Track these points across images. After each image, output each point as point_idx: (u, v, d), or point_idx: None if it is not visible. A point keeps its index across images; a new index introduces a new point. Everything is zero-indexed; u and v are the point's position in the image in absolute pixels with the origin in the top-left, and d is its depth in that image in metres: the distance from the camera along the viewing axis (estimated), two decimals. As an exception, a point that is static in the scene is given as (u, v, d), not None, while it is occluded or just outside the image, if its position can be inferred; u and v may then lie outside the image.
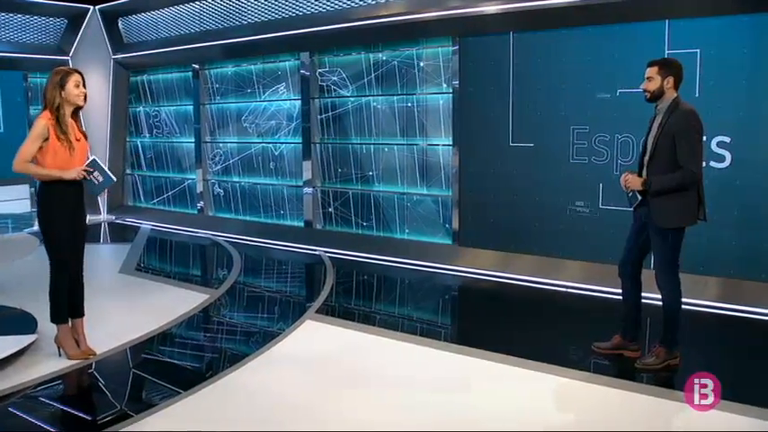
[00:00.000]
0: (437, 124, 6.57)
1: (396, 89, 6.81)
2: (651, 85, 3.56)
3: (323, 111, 7.47)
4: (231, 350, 4.30)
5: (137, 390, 3.71)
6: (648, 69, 3.59)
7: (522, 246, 5.99)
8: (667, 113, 3.53)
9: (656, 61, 3.60)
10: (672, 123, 3.48)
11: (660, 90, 3.55)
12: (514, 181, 5.98)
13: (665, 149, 3.49)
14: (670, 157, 3.48)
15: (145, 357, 4.17)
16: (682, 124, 3.46)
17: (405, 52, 6.71)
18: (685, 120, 3.47)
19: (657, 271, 3.61)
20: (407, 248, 6.67)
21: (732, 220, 4.86)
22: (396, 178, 6.94)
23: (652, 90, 3.56)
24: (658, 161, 3.53)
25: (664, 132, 3.50)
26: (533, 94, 5.81)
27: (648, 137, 3.65)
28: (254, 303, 5.44)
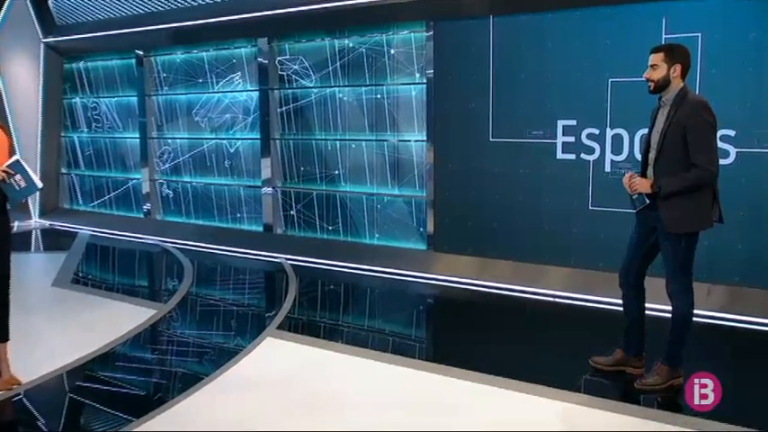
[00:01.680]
0: (409, 118, 6.52)
1: (364, 79, 6.74)
2: (656, 74, 3.48)
3: (283, 103, 7.38)
4: (183, 372, 4.16)
5: (73, 420, 3.54)
6: (652, 56, 3.50)
7: (503, 251, 5.94)
8: (674, 105, 3.45)
9: (661, 47, 3.52)
10: (681, 117, 3.40)
11: (666, 79, 3.47)
12: (495, 180, 5.93)
13: (673, 146, 3.41)
14: (680, 154, 3.40)
15: (83, 383, 3.99)
16: (693, 117, 3.37)
17: (373, 38, 6.64)
18: (697, 112, 3.38)
19: (669, 279, 3.54)
20: (378, 255, 6.62)
21: (737, 222, 4.81)
22: (364, 177, 6.88)
23: (657, 79, 3.48)
24: (667, 159, 3.45)
25: (672, 127, 3.41)
26: (516, 84, 5.76)
27: (652, 132, 3.57)
28: (208, 318, 5.31)
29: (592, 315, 5.07)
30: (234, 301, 5.85)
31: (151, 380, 4.08)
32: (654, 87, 3.51)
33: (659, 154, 3.48)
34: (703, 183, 3.39)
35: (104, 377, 4.06)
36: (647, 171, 3.59)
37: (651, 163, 3.54)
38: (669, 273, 3.55)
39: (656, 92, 3.52)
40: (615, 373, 3.80)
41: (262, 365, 4.12)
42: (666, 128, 3.44)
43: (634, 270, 3.72)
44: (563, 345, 4.49)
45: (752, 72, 4.74)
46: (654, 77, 3.49)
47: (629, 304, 3.77)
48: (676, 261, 3.50)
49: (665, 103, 3.52)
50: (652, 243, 3.64)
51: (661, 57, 3.47)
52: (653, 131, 3.57)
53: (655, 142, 3.52)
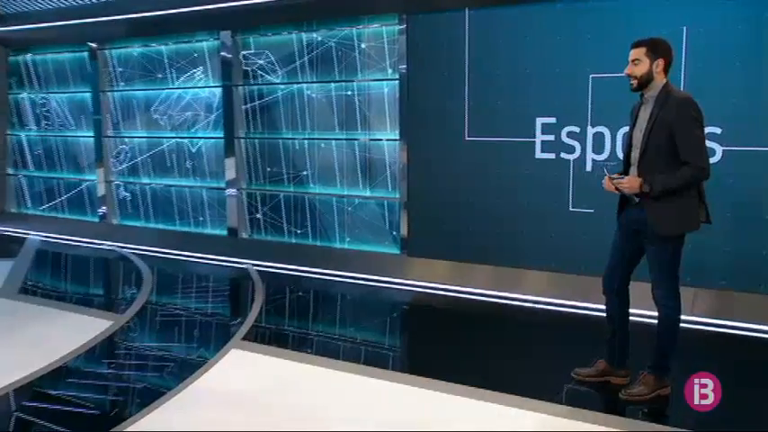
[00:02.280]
0: (381, 116, 6.49)
1: (333, 75, 6.71)
2: (638, 70, 3.47)
3: (248, 100, 7.31)
4: (142, 388, 4.07)
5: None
6: (634, 51, 3.49)
7: (480, 255, 5.94)
8: (658, 103, 3.45)
9: (642, 41, 3.51)
10: (666, 114, 3.40)
11: (649, 75, 3.46)
12: (471, 181, 5.93)
13: (658, 144, 3.41)
14: (665, 153, 3.40)
15: (32, 401, 3.88)
16: (679, 114, 3.37)
17: (343, 32, 6.61)
18: (682, 109, 3.38)
19: (655, 284, 3.55)
20: (349, 260, 6.59)
21: (724, 223, 4.83)
22: (334, 179, 6.84)
23: (639, 75, 3.47)
24: (651, 158, 3.45)
25: (657, 125, 3.41)
26: (493, 80, 5.76)
27: (634, 130, 3.57)
28: (168, 329, 5.23)
29: (573, 322, 5.08)
30: (197, 310, 5.77)
31: (107, 397, 3.98)
32: (636, 84, 3.49)
33: (643, 153, 3.47)
34: (696, 180, 3.40)
35: (56, 395, 3.95)
36: (629, 171, 3.58)
37: (634, 162, 3.53)
38: (655, 277, 3.54)
39: (639, 89, 3.51)
40: (599, 384, 3.79)
41: (226, 379, 4.05)
42: (650, 126, 3.43)
43: (618, 276, 3.71)
44: (544, 353, 4.48)
45: (739, 67, 4.77)
46: (636, 73, 3.47)
47: (614, 311, 3.76)
48: (663, 265, 3.50)
49: (647, 100, 3.52)
50: (636, 246, 3.63)
51: (643, 51, 3.46)
52: (635, 130, 3.57)
53: (637, 141, 3.52)
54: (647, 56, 3.45)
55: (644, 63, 3.46)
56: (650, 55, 3.45)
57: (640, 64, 3.46)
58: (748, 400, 3.67)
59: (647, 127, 3.45)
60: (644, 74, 3.46)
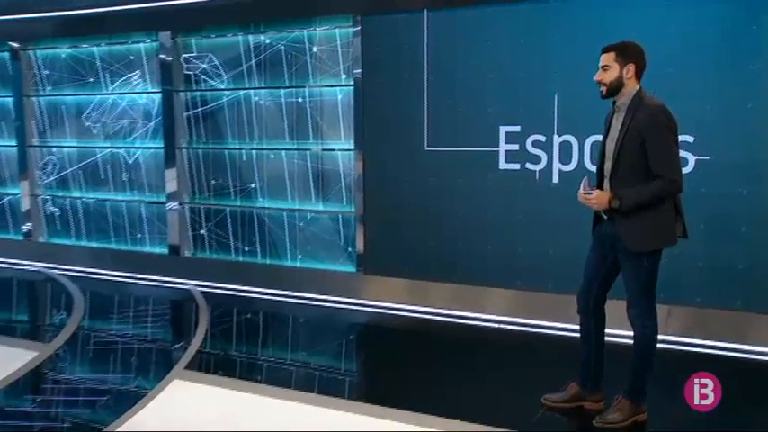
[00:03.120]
0: (335, 124, 6.47)
1: (282, 80, 6.67)
2: (608, 76, 3.49)
3: (190, 107, 7.22)
4: (72, 424, 3.96)
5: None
6: (603, 57, 3.52)
7: (442, 272, 5.94)
8: (630, 111, 3.47)
9: (612, 46, 3.53)
10: (638, 123, 3.42)
11: (619, 81, 3.48)
12: (431, 193, 5.93)
13: (630, 155, 3.43)
14: (638, 165, 3.42)
15: None
16: (651, 123, 3.39)
17: (293, 34, 6.56)
18: (655, 117, 3.40)
19: (630, 302, 3.55)
20: (301, 279, 6.56)
21: (698, 237, 4.82)
22: (284, 191, 6.79)
23: (609, 82, 3.49)
24: (623, 170, 3.46)
25: (629, 134, 3.43)
26: (454, 86, 5.77)
27: (607, 140, 3.60)
28: (103, 359, 5.11)
29: (542, 343, 5.11)
30: (134, 336, 5.66)
31: (32, 437, 3.86)
32: (606, 91, 3.52)
33: (615, 164, 3.48)
34: (668, 195, 3.42)
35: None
36: (602, 183, 3.60)
37: (607, 174, 3.55)
38: (630, 295, 3.55)
39: (609, 96, 3.53)
40: (572, 410, 3.78)
41: (168, 413, 3.98)
42: (623, 136, 3.45)
43: (594, 294, 3.72)
44: (512, 378, 4.48)
45: (712, 71, 4.86)
46: (605, 80, 3.50)
47: (588, 332, 3.76)
48: (638, 282, 3.51)
49: (619, 107, 3.54)
50: (611, 263, 3.64)
51: (612, 57, 3.48)
52: (607, 139, 3.59)
53: (610, 152, 3.54)
54: (616, 61, 3.47)
55: (613, 69, 3.48)
56: (620, 60, 3.47)
57: (610, 70, 3.48)
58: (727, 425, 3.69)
59: (619, 137, 3.47)
60: (613, 80, 3.48)
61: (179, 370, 4.61)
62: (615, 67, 3.47)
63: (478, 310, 5.61)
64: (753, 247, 4.84)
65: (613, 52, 3.49)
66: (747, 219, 4.85)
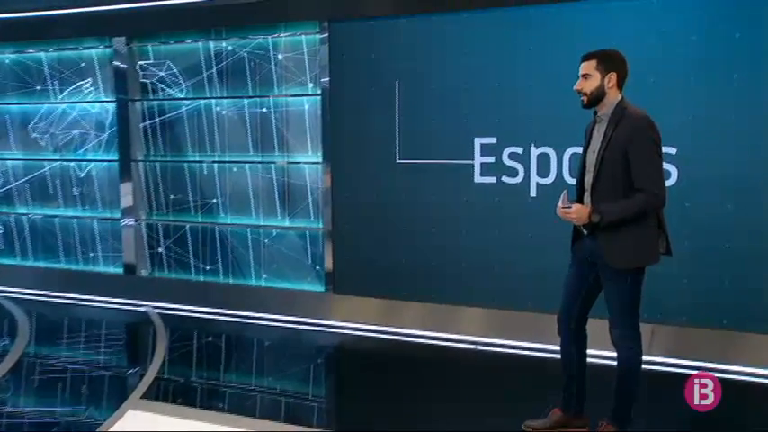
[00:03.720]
0: (302, 136, 6.45)
1: (246, 89, 6.64)
2: (588, 85, 3.50)
3: (147, 117, 7.15)
4: None
5: None
6: (584, 65, 3.52)
7: (415, 291, 5.94)
8: (613, 121, 3.47)
9: (593, 54, 3.54)
10: (621, 134, 3.42)
11: (600, 91, 3.49)
12: (404, 208, 5.93)
13: (613, 168, 3.43)
14: (620, 178, 3.43)
15: None
16: (635, 135, 3.40)
17: (256, 40, 6.55)
18: (639, 129, 3.41)
19: (613, 323, 3.55)
20: (266, 299, 6.52)
21: (682, 253, 4.85)
22: (248, 207, 6.74)
23: (590, 91, 3.50)
24: (605, 183, 3.46)
25: (611, 146, 3.43)
26: (427, 96, 5.79)
27: (588, 152, 3.60)
28: (50, 388, 4.98)
29: (521, 365, 5.11)
30: (85, 363, 5.56)
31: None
32: (587, 101, 3.52)
33: (596, 177, 3.48)
34: (650, 209, 3.42)
35: None
36: (583, 197, 3.60)
37: (588, 188, 3.55)
38: (613, 315, 3.54)
39: (590, 106, 3.54)
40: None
41: (123, 448, 3.91)
42: (604, 147, 3.46)
43: (575, 315, 3.70)
44: (491, 402, 4.46)
45: (693, 81, 4.91)
46: (586, 89, 3.50)
47: (570, 355, 3.74)
48: (622, 301, 3.51)
49: (601, 118, 3.55)
50: (592, 281, 3.64)
51: (593, 65, 3.49)
52: (588, 151, 3.60)
53: (591, 164, 3.54)
54: (597, 69, 3.48)
55: (595, 77, 3.48)
56: (601, 68, 3.48)
57: (591, 78, 3.49)
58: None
59: (601, 148, 3.47)
60: (594, 89, 3.49)
61: (134, 399, 4.55)
62: (596, 75, 3.48)
63: (454, 330, 5.60)
64: (739, 264, 4.87)
65: (594, 60, 3.50)
66: (733, 234, 4.88)
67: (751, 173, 4.81)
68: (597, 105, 3.53)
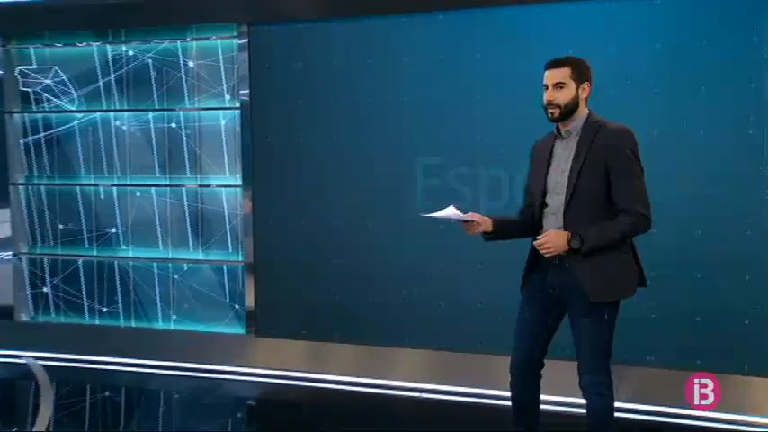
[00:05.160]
0: (217, 155, 6.35)
1: (151, 101, 6.48)
2: (563, 96, 3.47)
3: (29, 132, 6.90)
4: None
5: None
6: (555, 72, 3.50)
7: (350, 332, 5.89)
8: (587, 136, 3.48)
9: (567, 61, 3.52)
10: (601, 149, 3.42)
11: (575, 102, 3.49)
12: (336, 237, 5.88)
13: (591, 188, 3.43)
14: (598, 198, 3.45)
15: None
16: (619, 150, 3.43)
17: (163, 45, 6.41)
18: (623, 143, 3.45)
19: (585, 367, 3.52)
20: (175, 345, 6.40)
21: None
22: (154, 237, 6.59)
23: (564, 103, 3.48)
24: (582, 205, 3.45)
25: (589, 164, 3.42)
26: (363, 110, 5.76)
27: (550, 170, 3.59)
28: None
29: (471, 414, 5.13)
30: None
31: None
32: (560, 114, 3.50)
33: (571, 199, 3.47)
34: (636, 233, 3.46)
35: None
36: (542, 223, 3.59)
37: (556, 212, 3.54)
38: (585, 358, 3.51)
39: (562, 119, 3.52)
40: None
41: None
42: (580, 166, 3.45)
43: (536, 358, 3.69)
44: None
45: (660, 93, 5.00)
46: (560, 101, 3.48)
47: (526, 408, 3.74)
48: (598, 341, 3.48)
49: (570, 132, 3.55)
50: (554, 321, 3.65)
51: (568, 73, 3.48)
52: (550, 171, 3.58)
53: (559, 185, 3.52)
54: (572, 78, 3.48)
55: (570, 87, 3.48)
56: (575, 77, 3.49)
57: (566, 88, 3.48)
58: None
59: (576, 167, 3.46)
60: (570, 101, 3.48)
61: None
62: (572, 85, 3.48)
63: (393, 375, 5.62)
64: (710, 297, 4.94)
65: (569, 68, 3.49)
66: (703, 263, 4.95)
67: (720, 193, 4.88)
68: (568, 119, 3.52)
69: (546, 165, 3.59)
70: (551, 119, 3.53)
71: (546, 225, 3.56)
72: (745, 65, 4.79)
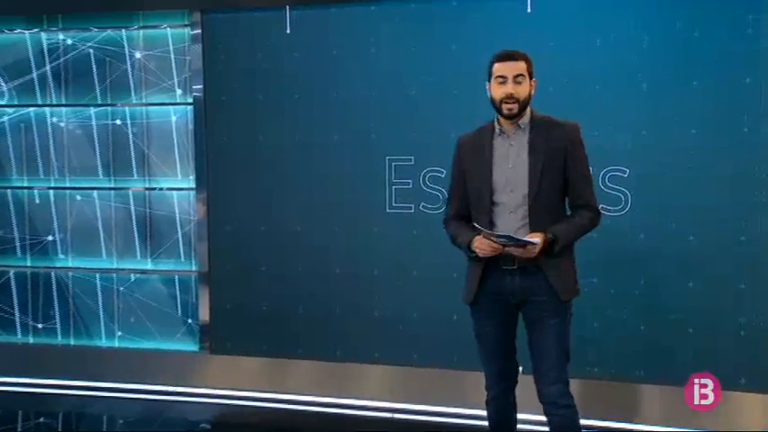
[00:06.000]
0: (168, 155, 6.26)
1: (93, 95, 6.36)
2: (523, 91, 3.59)
3: None
4: None
5: None
6: (515, 65, 3.60)
7: (315, 347, 5.86)
8: (538, 132, 3.63)
9: (523, 55, 3.64)
10: (558, 143, 3.59)
11: (529, 99, 3.63)
12: (299, 244, 5.84)
13: (552, 184, 3.59)
14: (557, 194, 3.63)
15: None
16: (575, 145, 3.62)
17: (105, 33, 6.29)
18: (579, 138, 3.64)
19: (552, 376, 3.59)
20: (121, 364, 6.32)
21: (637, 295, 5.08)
22: (97, 246, 6.48)
23: (523, 98, 3.60)
24: (545, 203, 3.60)
25: (549, 159, 3.58)
26: (326, 105, 5.72)
27: (495, 168, 3.65)
28: None
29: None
30: None
31: None
32: (518, 109, 3.60)
33: (536, 196, 3.57)
34: (593, 228, 3.71)
35: None
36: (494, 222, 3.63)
37: (513, 210, 3.60)
38: (552, 366, 3.60)
39: (517, 116, 3.62)
40: None
41: None
42: (543, 161, 3.57)
43: (513, 380, 3.80)
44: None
45: (647, 89, 5.02)
46: (521, 95, 3.58)
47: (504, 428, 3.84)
48: (566, 343, 3.62)
49: (519, 128, 3.66)
50: (514, 332, 3.74)
51: (524, 67, 3.61)
52: (495, 168, 3.64)
53: (513, 182, 3.61)
54: (528, 73, 3.61)
55: (527, 82, 3.60)
56: (530, 73, 3.62)
57: (524, 83, 3.60)
58: None
59: (537, 163, 3.59)
60: (527, 97, 3.61)
61: None
62: (527, 80, 3.62)
63: (362, 395, 5.64)
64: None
65: (524, 62, 3.61)
66: (696, 271, 5.00)
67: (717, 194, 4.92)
68: (519, 115, 3.63)
69: (488, 162, 3.67)
70: (508, 114, 3.62)
71: (500, 224, 3.62)
72: (739, 58, 4.82)
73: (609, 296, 5.05)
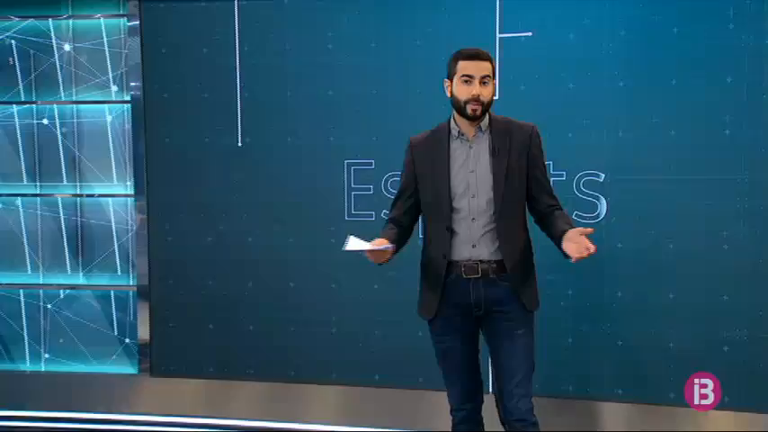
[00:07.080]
0: (103, 158, 6.20)
1: (16, 93, 6.26)
2: (489, 92, 3.65)
3: None
4: None
5: None
6: (482, 65, 3.65)
7: (267, 368, 5.86)
8: (500, 134, 3.70)
9: (489, 55, 3.70)
10: (520, 146, 3.68)
11: (492, 101, 3.70)
12: (250, 256, 5.83)
13: (518, 185, 3.68)
14: (520, 196, 3.72)
15: None
16: (538, 147, 3.74)
17: (29, 23, 6.18)
18: (538, 137, 3.74)
19: (521, 392, 3.65)
20: (49, 390, 6.23)
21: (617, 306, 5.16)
22: (21, 258, 6.38)
23: (488, 101, 3.66)
24: (511, 205, 3.68)
25: (513, 161, 3.65)
26: (280, 105, 5.71)
27: (452, 172, 3.71)
28: None
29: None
30: None
31: None
32: (481, 111, 3.65)
33: (504, 199, 3.64)
34: None
35: None
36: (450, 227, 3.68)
37: (477, 216, 3.66)
38: (521, 380, 3.64)
39: (480, 118, 3.69)
40: None
41: None
42: (506, 163, 3.65)
43: (480, 398, 3.86)
44: None
45: (624, 87, 5.11)
46: (486, 97, 3.64)
47: None
48: (532, 354, 3.70)
49: (479, 130, 3.72)
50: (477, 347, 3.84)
51: (491, 68, 3.67)
52: (452, 173, 3.70)
53: (474, 186, 3.67)
54: (492, 74, 3.67)
55: (491, 84, 3.67)
56: (494, 75, 3.69)
57: (490, 84, 3.65)
58: None
59: (500, 166, 3.65)
60: (491, 99, 3.68)
61: None
62: (492, 82, 3.66)
63: (320, 418, 5.66)
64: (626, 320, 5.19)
65: (490, 63, 3.67)
66: (675, 282, 5.10)
67: (697, 199, 5.02)
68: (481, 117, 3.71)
69: (446, 166, 3.73)
70: (472, 116, 3.65)
71: (460, 230, 3.67)
72: (721, 55, 4.93)
73: (585, 309, 5.16)
